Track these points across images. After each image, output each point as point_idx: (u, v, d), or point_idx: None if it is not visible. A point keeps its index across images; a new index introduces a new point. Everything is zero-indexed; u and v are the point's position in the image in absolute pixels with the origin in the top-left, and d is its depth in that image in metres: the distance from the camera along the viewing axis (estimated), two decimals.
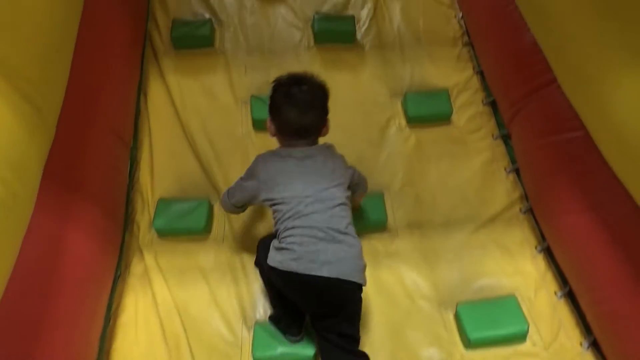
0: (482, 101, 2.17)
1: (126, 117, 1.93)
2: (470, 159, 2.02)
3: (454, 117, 2.11)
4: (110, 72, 1.80)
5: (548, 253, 1.78)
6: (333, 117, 1.55)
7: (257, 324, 1.59)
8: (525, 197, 1.90)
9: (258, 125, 2.01)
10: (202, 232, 1.79)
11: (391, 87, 2.21)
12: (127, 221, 1.84)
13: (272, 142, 1.59)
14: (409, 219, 1.86)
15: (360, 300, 1.42)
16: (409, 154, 2.02)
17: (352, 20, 2.34)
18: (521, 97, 1.80)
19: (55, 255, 1.32)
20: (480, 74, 2.24)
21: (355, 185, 1.54)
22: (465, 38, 2.36)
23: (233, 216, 1.81)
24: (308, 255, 1.31)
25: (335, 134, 1.54)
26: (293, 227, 1.35)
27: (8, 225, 1.04)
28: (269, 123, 1.49)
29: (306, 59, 2.28)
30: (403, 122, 2.10)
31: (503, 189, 1.94)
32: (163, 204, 1.80)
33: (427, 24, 2.41)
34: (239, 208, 1.59)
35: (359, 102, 2.16)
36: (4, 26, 1.12)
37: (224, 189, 1.87)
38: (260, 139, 2.00)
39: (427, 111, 2.08)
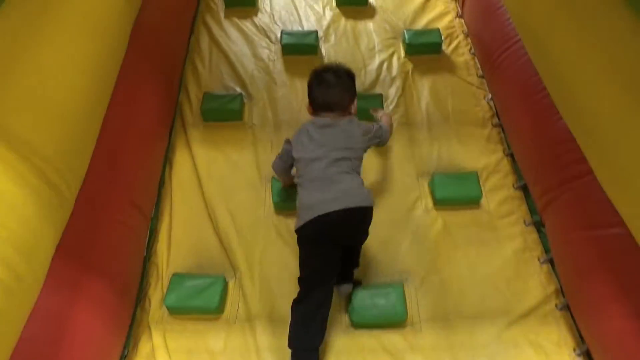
0: (513, 185, 2.09)
1: (149, 188, 1.92)
2: (501, 247, 1.91)
3: (484, 200, 2.03)
4: (138, 145, 1.82)
5: (588, 356, 1.62)
6: None
7: None
8: (561, 291, 1.77)
9: (278, 207, 1.98)
10: (214, 311, 1.71)
11: (418, 167, 2.16)
12: (140, 294, 1.79)
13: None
14: (434, 311, 1.74)
15: (369, 224, 1.66)
16: (435, 238, 1.93)
17: (380, 98, 2.34)
18: (554, 186, 1.71)
19: (60, 336, 1.26)
20: (511, 156, 2.17)
21: (378, 141, 1.82)
22: (495, 119, 2.32)
23: (248, 295, 1.76)
24: (316, 202, 1.54)
25: None
26: (301, 184, 1.63)
27: (8, 309, 1.00)
28: (308, 104, 1.80)
29: None
30: (430, 204, 2.03)
31: (537, 281, 1.81)
32: (177, 279, 1.75)
33: (456, 104, 2.39)
34: (286, 170, 1.84)
35: (385, 181, 2.12)
36: (26, 106, 1.14)
37: (242, 267, 1.83)
38: (281, 222, 1.96)
39: (456, 194, 2.01)
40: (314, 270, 1.60)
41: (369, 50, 2.64)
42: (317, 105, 1.75)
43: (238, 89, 2.44)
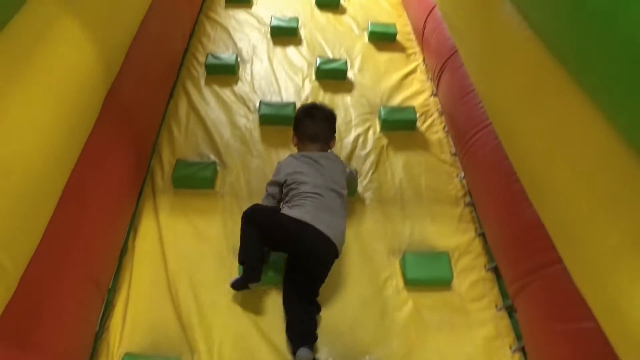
0: (485, 267, 2.06)
1: (109, 259, 1.83)
2: (471, 332, 1.85)
3: (455, 282, 1.99)
4: (102, 213, 1.75)
5: None
6: None
7: None
8: None
9: None
10: None
11: (390, 244, 2.13)
12: None
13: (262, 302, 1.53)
14: None
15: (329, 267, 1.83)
16: (404, 322, 1.86)
17: (354, 174, 2.34)
18: (525, 273, 1.69)
19: None
20: (483, 236, 2.16)
21: (349, 184, 2.08)
22: (467, 198, 2.33)
23: None
24: (316, 214, 1.78)
25: (328, 290, 1.51)
26: (306, 197, 1.83)
27: None
28: (292, 135, 2.09)
29: None
30: (401, 284, 1.98)
31: None
32: None
33: (429, 181, 2.41)
34: (274, 197, 1.99)
35: (356, 256, 2.07)
36: None
37: (201, 348, 1.73)
38: (248, 297, 1.87)
39: (427, 275, 1.97)
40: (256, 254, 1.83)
41: (345, 123, 2.67)
42: (305, 135, 2.03)
43: (212, 157, 2.42)
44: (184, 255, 2.00)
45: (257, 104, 2.69)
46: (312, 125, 2.03)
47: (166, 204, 2.19)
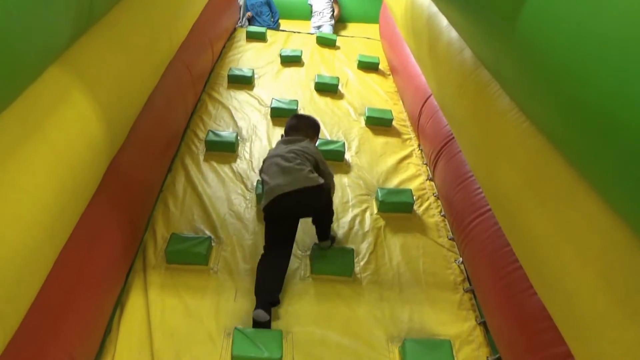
0: (487, 358, 1.97)
1: (92, 339, 1.72)
2: None
3: None
4: (89, 289, 1.67)
5: None
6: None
7: None
8: None
9: None
10: None
11: (388, 329, 2.04)
12: None
13: None
14: None
15: (327, 206, 2.20)
16: None
17: (351, 253, 2.31)
18: None
19: None
20: (484, 325, 2.09)
21: (321, 173, 2.17)
22: (466, 284, 2.28)
23: None
24: (274, 187, 2.00)
25: None
26: (266, 175, 2.09)
27: None
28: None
29: (300, 288, 2.18)
30: None
31: None
32: None
33: (427, 265, 2.37)
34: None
35: (352, 342, 1.97)
36: None
37: None
38: None
39: None
40: (273, 238, 2.08)
41: (342, 204, 2.68)
42: (288, 127, 2.39)
43: (207, 232, 2.38)
44: (172, 335, 1.89)
45: (255, 183, 2.70)
46: (294, 121, 2.42)
47: (157, 280, 2.11)
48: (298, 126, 2.37)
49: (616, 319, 1.17)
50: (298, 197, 1.98)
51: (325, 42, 4.42)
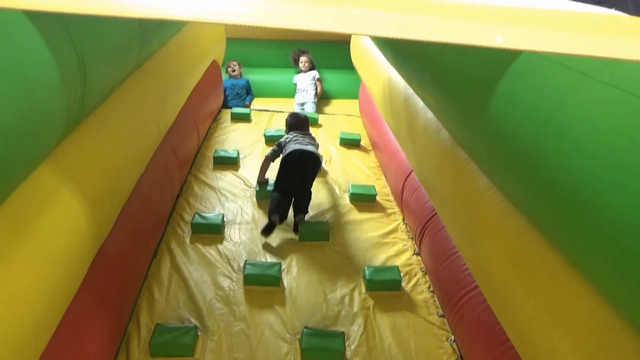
0: None
1: None
2: None
3: None
4: None
5: None
6: None
7: None
8: None
9: None
10: None
11: None
12: None
13: None
14: None
15: (315, 175, 3.17)
16: None
17: (341, 337, 2.26)
18: None
19: None
20: None
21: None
22: None
23: None
24: (296, 147, 3.06)
25: None
26: (291, 145, 3.12)
27: None
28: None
29: None
30: None
31: None
32: None
33: (419, 345, 2.33)
34: (274, 158, 3.28)
35: None
36: None
37: None
38: None
39: None
40: (282, 182, 3.04)
41: (330, 283, 2.66)
42: (292, 125, 3.39)
43: (193, 320, 2.32)
44: None
45: (242, 264, 2.68)
46: (294, 119, 3.44)
47: None
48: (298, 123, 3.39)
49: None
50: (307, 158, 3.05)
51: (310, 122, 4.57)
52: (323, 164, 3.80)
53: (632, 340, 1.17)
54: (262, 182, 3.33)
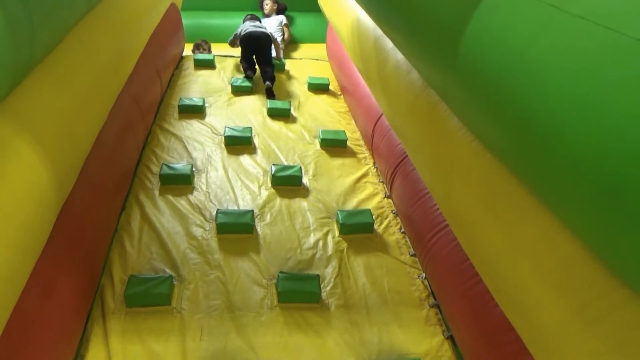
0: None
1: None
2: None
3: None
4: (44, 346, 1.58)
5: None
6: None
7: None
8: None
9: None
10: None
11: (359, 354, 2.05)
12: None
13: None
14: None
15: (269, 45, 4.18)
16: None
17: (316, 279, 2.31)
18: None
19: None
20: (451, 339, 2.13)
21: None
22: (431, 299, 2.33)
23: None
24: (250, 29, 4.13)
25: None
26: (244, 28, 4.22)
27: None
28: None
29: (269, 320, 2.15)
30: None
31: None
32: None
33: (392, 284, 2.40)
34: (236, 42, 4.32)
35: None
36: None
37: None
38: None
39: None
40: (246, 55, 4.16)
41: (304, 228, 2.68)
42: (245, 19, 4.72)
43: (168, 271, 2.31)
44: None
45: (214, 213, 2.66)
46: (249, 15, 4.85)
47: (117, 326, 2.03)
48: (251, 18, 4.68)
49: (575, 330, 1.23)
50: (257, 36, 4.09)
51: (275, 68, 4.44)
52: (292, 110, 3.74)
53: (597, 271, 1.22)
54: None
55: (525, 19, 1.31)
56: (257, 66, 4.16)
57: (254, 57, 4.10)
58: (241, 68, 4.21)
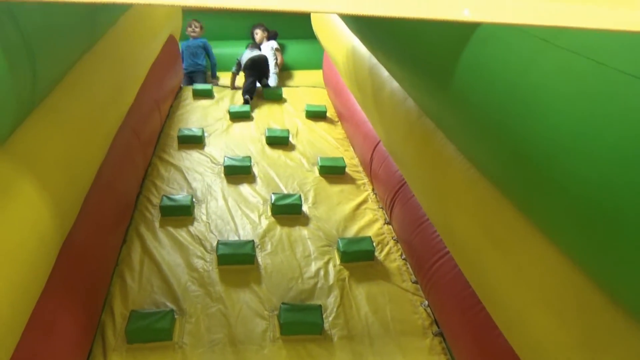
0: None
1: None
2: None
3: None
4: None
5: None
6: None
7: None
8: None
9: None
10: None
11: None
12: None
13: None
14: None
15: (267, 66, 4.85)
16: None
17: (319, 310, 2.29)
18: None
19: None
20: None
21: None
22: (435, 327, 2.31)
23: None
24: (249, 57, 4.72)
25: None
26: (245, 56, 4.81)
27: None
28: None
29: (271, 354, 2.13)
30: None
31: None
32: None
33: (394, 312, 2.39)
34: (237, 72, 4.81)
35: None
36: None
37: None
38: None
39: None
40: (249, 77, 4.60)
41: (304, 257, 2.67)
42: (247, 48, 4.97)
43: (169, 304, 2.30)
44: None
45: (214, 244, 2.66)
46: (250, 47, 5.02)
47: None
48: (252, 47, 4.97)
49: None
50: (257, 60, 4.67)
51: (272, 97, 4.51)
52: (290, 138, 3.78)
53: (601, 298, 1.22)
54: (235, 88, 4.70)
55: (517, 50, 1.35)
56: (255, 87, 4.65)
57: (256, 80, 4.64)
58: (241, 92, 4.49)
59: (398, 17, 0.78)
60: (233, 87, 4.74)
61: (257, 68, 4.66)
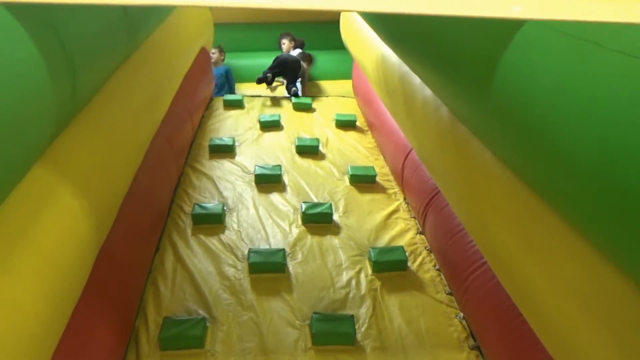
0: None
1: None
2: None
3: None
4: None
5: None
6: None
7: None
8: None
9: None
10: None
11: None
12: None
13: None
14: None
15: (296, 68, 5.07)
16: None
17: (351, 320, 2.25)
18: None
19: None
20: None
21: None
22: (471, 341, 2.24)
23: None
24: (280, 57, 5.15)
25: None
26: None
27: None
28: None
29: None
30: None
31: None
32: None
33: (429, 324, 2.32)
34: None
35: None
36: None
37: None
38: None
39: None
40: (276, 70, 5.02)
41: (336, 267, 2.64)
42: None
43: (201, 312, 2.30)
44: None
45: (246, 252, 2.66)
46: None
47: None
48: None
49: None
50: (285, 60, 4.98)
51: (302, 107, 4.52)
52: (320, 147, 3.76)
53: None
54: (270, 87, 5.12)
55: (562, 53, 1.30)
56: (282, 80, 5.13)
57: (281, 75, 5.04)
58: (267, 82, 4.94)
59: (443, 16, 0.75)
60: (269, 85, 5.05)
61: (283, 66, 4.93)
